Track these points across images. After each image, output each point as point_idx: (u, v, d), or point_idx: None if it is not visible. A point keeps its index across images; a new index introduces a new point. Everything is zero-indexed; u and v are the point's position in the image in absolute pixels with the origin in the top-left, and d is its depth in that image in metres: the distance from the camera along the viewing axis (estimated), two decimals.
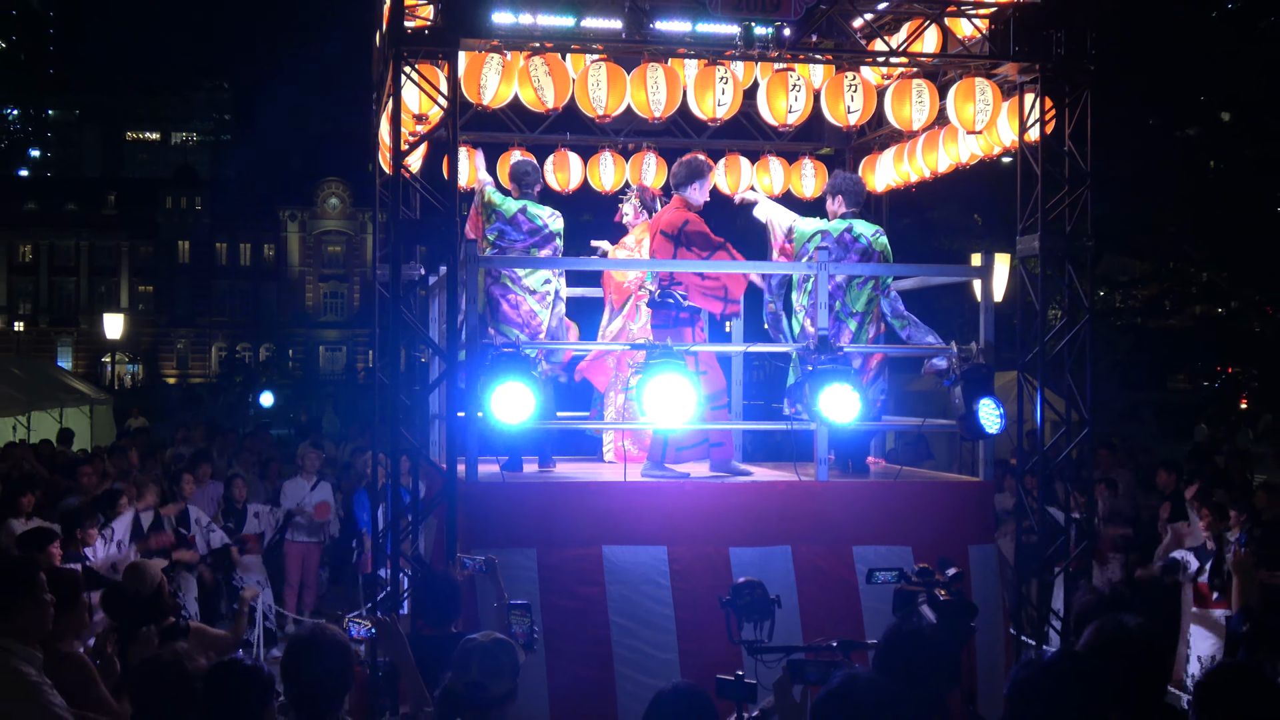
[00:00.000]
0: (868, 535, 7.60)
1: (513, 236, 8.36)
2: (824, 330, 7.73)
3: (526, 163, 8.98)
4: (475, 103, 8.26)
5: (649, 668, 7.03)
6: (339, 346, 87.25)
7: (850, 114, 8.24)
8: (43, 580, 4.79)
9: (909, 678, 3.88)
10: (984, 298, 8.37)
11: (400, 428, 7.70)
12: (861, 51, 8.38)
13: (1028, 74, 8.19)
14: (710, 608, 6.12)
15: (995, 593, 7.83)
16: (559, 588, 7.18)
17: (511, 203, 8.45)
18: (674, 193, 8.50)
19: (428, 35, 7.52)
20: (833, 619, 7.07)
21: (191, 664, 4.04)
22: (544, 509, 7.43)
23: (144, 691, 4.12)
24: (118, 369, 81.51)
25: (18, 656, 4.55)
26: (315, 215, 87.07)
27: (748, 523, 7.54)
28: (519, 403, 6.99)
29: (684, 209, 8.37)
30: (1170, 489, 12.00)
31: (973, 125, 8.31)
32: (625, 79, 8.13)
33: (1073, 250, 8.29)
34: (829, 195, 8.74)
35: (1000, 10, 8.13)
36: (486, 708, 4.04)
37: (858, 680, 3.55)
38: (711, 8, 7.57)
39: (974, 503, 8.03)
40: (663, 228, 8.35)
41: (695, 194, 8.42)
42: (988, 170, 10.57)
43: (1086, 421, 8.29)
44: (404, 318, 7.75)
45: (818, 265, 7.92)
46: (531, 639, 5.43)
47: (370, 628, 5.44)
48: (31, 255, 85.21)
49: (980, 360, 7.79)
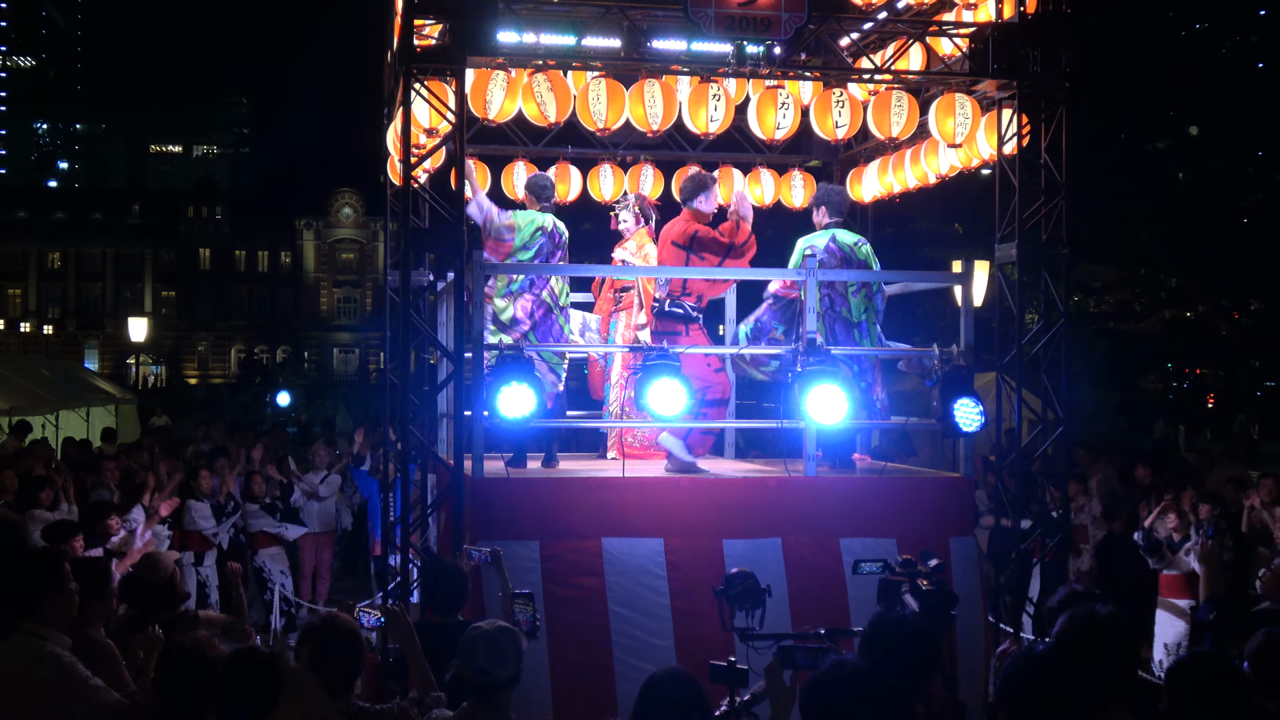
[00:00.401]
0: (854, 528, 7.61)
1: (549, 248, 8.33)
2: (812, 333, 7.75)
3: (544, 176, 9.01)
4: (481, 117, 8.26)
5: (646, 654, 7.03)
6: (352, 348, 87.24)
7: (838, 128, 8.26)
8: (68, 571, 4.88)
9: (893, 664, 3.88)
10: (964, 302, 8.38)
11: (410, 425, 7.71)
12: (848, 69, 8.39)
13: (1005, 90, 8.20)
14: (704, 597, 6.13)
15: (974, 582, 7.85)
16: (560, 578, 7.18)
17: (542, 215, 8.44)
18: (683, 206, 8.55)
19: (436, 54, 7.53)
20: (820, 608, 7.07)
21: (213, 651, 4.04)
22: (546, 503, 7.43)
23: (169, 678, 4.12)
24: (142, 370, 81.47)
25: (50, 641, 4.67)
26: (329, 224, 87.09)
27: (740, 516, 7.55)
28: (522, 402, 7.00)
29: (693, 220, 8.41)
30: (1148, 482, 12.02)
31: (953, 139, 8.32)
32: (624, 95, 8.14)
33: (1048, 257, 8.29)
34: (815, 207, 8.80)
35: (980, 30, 8.14)
36: (491, 692, 4.04)
37: (845, 666, 3.56)
38: (705, 27, 7.58)
39: (955, 497, 8.04)
40: (674, 239, 8.39)
41: (703, 205, 8.49)
42: (968, 181, 10.59)
43: (1062, 420, 8.30)
44: (414, 321, 7.76)
45: (807, 272, 7.95)
46: (534, 626, 5.43)
47: (380, 616, 5.44)
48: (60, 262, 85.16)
49: (961, 362, 7.80)
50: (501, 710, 4.06)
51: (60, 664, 4.60)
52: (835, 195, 8.85)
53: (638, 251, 8.93)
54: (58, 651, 4.65)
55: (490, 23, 7.38)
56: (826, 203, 8.73)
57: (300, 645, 4.11)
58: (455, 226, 7.61)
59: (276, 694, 3.84)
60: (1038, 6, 8.06)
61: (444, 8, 7.42)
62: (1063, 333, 8.28)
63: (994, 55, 8.02)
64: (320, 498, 12.90)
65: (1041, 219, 8.24)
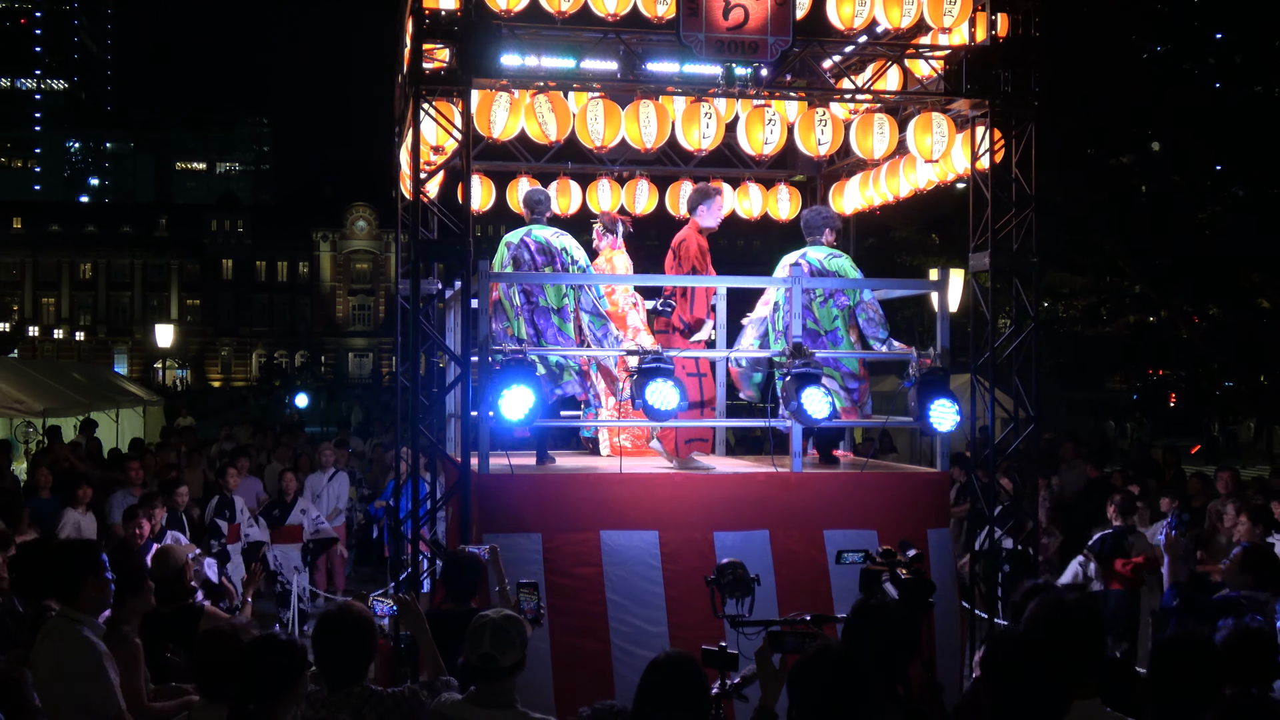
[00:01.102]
0: (837, 520, 7.60)
1: (527, 259, 8.27)
2: (797, 338, 7.76)
3: (539, 191, 8.98)
4: (486, 135, 8.25)
5: (641, 640, 7.02)
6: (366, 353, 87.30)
7: (821, 145, 8.27)
8: (104, 560, 4.90)
9: (873, 647, 3.88)
10: (940, 308, 8.39)
11: (420, 425, 7.69)
12: (830, 89, 8.39)
13: (979, 109, 8.21)
14: (697, 586, 6.12)
15: (950, 571, 7.85)
16: (561, 568, 7.17)
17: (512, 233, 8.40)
18: (689, 216, 8.57)
19: (444, 76, 7.52)
20: (806, 596, 7.06)
21: (248, 636, 4.04)
22: (548, 498, 7.42)
23: (207, 660, 4.10)
24: (168, 374, 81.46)
25: (87, 628, 4.69)
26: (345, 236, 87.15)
27: (730, 510, 7.53)
28: (523, 403, 7.00)
29: (692, 230, 8.44)
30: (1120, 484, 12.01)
31: (930, 154, 8.32)
32: (620, 114, 8.13)
33: (1019, 266, 8.30)
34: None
35: (954, 53, 8.15)
36: (497, 677, 4.03)
37: (830, 650, 3.57)
38: (697, 51, 7.58)
39: (932, 491, 8.03)
40: (673, 245, 8.44)
41: (704, 216, 8.50)
42: (944, 194, 10.58)
43: (1032, 418, 8.30)
44: (423, 327, 7.76)
45: (791, 280, 7.99)
46: (539, 614, 5.41)
47: (393, 605, 5.42)
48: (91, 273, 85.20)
49: (938, 364, 7.81)
50: (507, 694, 4.05)
51: (94, 658, 4.59)
52: (807, 217, 8.98)
53: (605, 265, 8.96)
54: (94, 641, 4.65)
55: (495, 47, 7.38)
56: (802, 224, 8.96)
57: (315, 633, 4.10)
58: (462, 238, 7.60)
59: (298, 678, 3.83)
60: (1009, 31, 8.09)
61: (451, 33, 7.42)
62: (1033, 336, 8.29)
63: (967, 76, 8.04)
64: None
65: (1013, 229, 8.25)
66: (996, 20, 8.07)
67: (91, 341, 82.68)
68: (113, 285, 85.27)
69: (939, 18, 7.94)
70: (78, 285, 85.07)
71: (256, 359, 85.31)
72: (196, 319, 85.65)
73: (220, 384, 79.19)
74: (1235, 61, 21.62)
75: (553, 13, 7.64)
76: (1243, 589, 6.27)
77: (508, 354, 7.30)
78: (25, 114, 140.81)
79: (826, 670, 3.46)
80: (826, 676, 3.44)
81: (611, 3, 7.65)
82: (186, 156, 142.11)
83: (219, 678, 3.98)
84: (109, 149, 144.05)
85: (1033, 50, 8.08)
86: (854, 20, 7.94)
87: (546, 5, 7.62)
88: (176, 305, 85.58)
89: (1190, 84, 20.92)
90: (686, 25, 7.54)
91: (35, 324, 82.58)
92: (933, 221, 21.37)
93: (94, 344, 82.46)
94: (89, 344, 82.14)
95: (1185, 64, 21.73)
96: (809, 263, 8.50)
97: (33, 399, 15.61)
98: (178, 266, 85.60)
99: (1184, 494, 10.91)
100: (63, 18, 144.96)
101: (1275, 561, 6.45)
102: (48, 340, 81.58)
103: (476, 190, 9.55)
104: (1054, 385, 28.08)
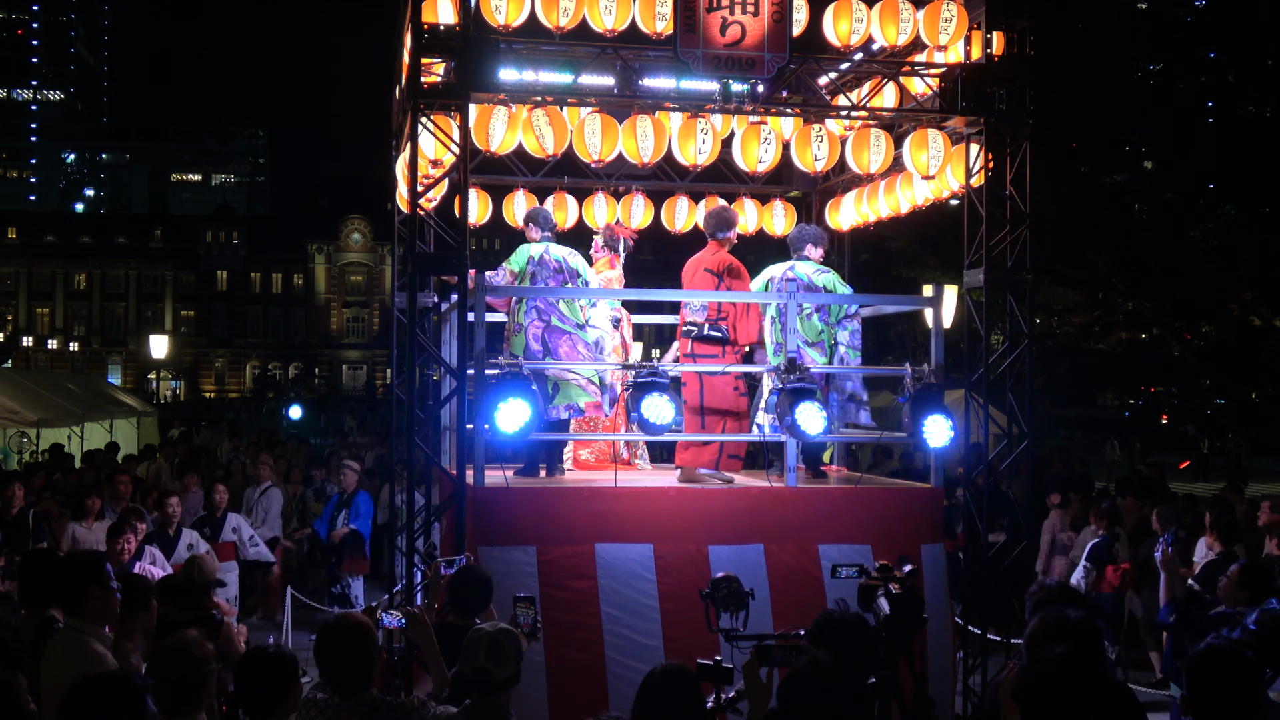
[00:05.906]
0: (832, 535, 7.59)
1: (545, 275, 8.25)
2: (792, 353, 7.77)
3: (543, 210, 9.03)
4: (484, 149, 8.28)
5: (636, 653, 7.00)
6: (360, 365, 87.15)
7: (816, 161, 8.29)
8: (109, 571, 4.96)
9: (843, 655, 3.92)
10: (934, 324, 8.40)
11: (415, 438, 7.69)
12: (826, 106, 8.42)
13: (973, 126, 8.25)
14: (691, 600, 6.11)
15: (943, 587, 7.84)
16: (556, 581, 7.15)
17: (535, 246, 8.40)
18: (709, 239, 8.55)
19: (442, 90, 7.55)
20: (800, 610, 7.03)
21: (288, 653, 4.03)
22: (543, 511, 7.40)
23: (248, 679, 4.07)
24: (162, 385, 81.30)
25: (93, 638, 4.74)
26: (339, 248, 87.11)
27: (725, 524, 7.53)
28: (519, 416, 6.99)
29: (722, 251, 8.45)
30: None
31: (925, 171, 8.36)
32: (617, 129, 8.16)
33: (1013, 282, 8.32)
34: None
35: (949, 70, 8.19)
36: (492, 690, 4.03)
37: (819, 663, 3.57)
38: (694, 67, 7.61)
39: (926, 506, 8.03)
40: (707, 265, 8.38)
41: (725, 240, 8.53)
42: (938, 211, 10.62)
43: (1026, 435, 8.31)
44: (419, 340, 7.76)
45: (787, 295, 8.01)
46: (536, 628, 5.38)
47: (401, 617, 5.40)
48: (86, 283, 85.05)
49: (931, 380, 7.81)
50: (501, 708, 4.05)
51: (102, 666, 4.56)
52: (793, 234, 8.99)
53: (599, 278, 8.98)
54: (102, 652, 4.68)
55: (492, 62, 7.40)
56: (788, 240, 8.99)
57: (318, 644, 4.11)
58: (459, 251, 7.61)
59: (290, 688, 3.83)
60: (1004, 49, 8.13)
61: (450, 48, 7.45)
62: (1026, 353, 8.31)
63: (962, 94, 8.07)
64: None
65: (1007, 246, 8.27)
66: (992, 39, 8.12)
67: (86, 352, 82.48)
68: (107, 296, 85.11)
69: (935, 36, 7.99)
70: (72, 296, 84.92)
71: (250, 370, 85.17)
72: (191, 330, 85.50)
73: (214, 395, 78.97)
74: (1228, 80, 21.75)
75: (551, 28, 7.67)
76: (1239, 605, 6.28)
77: (504, 368, 7.31)
78: (21, 124, 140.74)
79: (816, 683, 3.47)
80: (815, 689, 3.45)
81: (609, 18, 7.69)
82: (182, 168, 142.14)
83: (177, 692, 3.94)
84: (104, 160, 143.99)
85: (1027, 68, 8.13)
86: (850, 37, 7.99)
87: (545, 20, 7.65)
88: (171, 316, 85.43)
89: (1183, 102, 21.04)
90: (684, 41, 7.58)
91: (29, 334, 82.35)
92: (927, 238, 21.45)
93: (88, 354, 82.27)
94: (83, 354, 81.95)
95: (1179, 83, 21.86)
96: (798, 276, 8.52)
97: (27, 409, 15.59)
98: (172, 277, 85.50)
99: (1176, 511, 10.92)
100: (59, 29, 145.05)
101: (1272, 579, 6.46)
102: (42, 350, 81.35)
103: (473, 204, 9.56)
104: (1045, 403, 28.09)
